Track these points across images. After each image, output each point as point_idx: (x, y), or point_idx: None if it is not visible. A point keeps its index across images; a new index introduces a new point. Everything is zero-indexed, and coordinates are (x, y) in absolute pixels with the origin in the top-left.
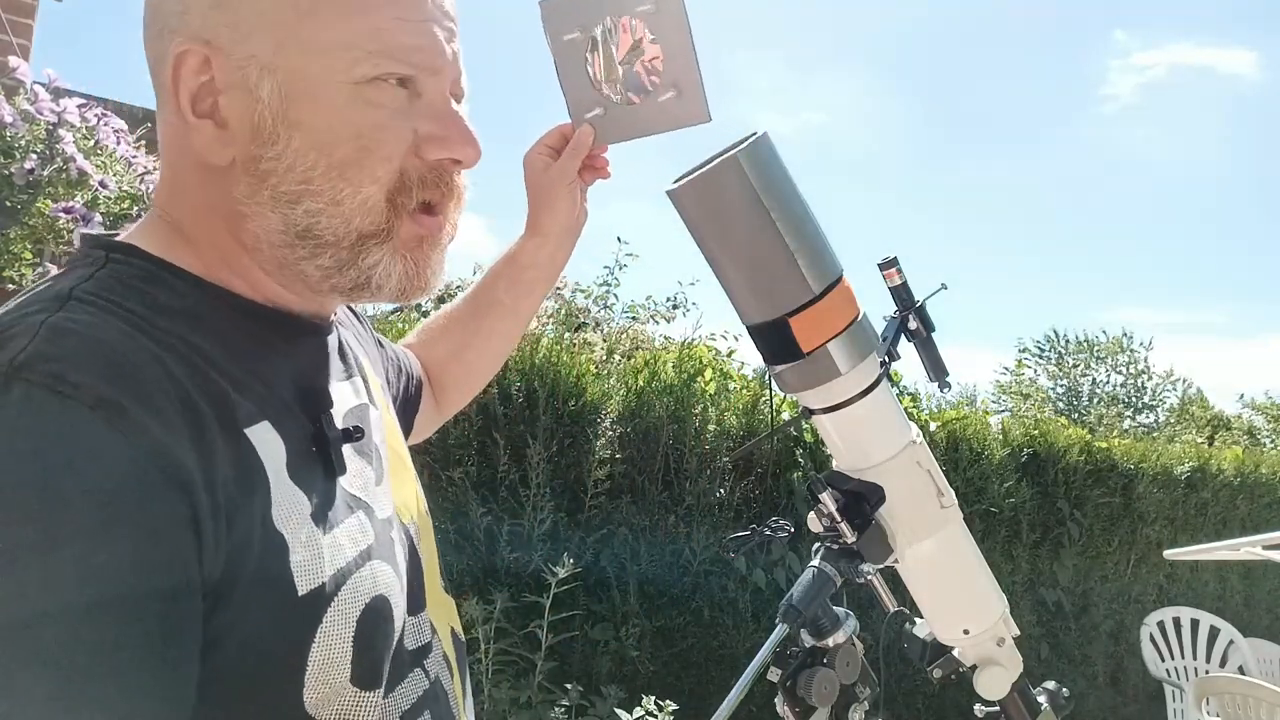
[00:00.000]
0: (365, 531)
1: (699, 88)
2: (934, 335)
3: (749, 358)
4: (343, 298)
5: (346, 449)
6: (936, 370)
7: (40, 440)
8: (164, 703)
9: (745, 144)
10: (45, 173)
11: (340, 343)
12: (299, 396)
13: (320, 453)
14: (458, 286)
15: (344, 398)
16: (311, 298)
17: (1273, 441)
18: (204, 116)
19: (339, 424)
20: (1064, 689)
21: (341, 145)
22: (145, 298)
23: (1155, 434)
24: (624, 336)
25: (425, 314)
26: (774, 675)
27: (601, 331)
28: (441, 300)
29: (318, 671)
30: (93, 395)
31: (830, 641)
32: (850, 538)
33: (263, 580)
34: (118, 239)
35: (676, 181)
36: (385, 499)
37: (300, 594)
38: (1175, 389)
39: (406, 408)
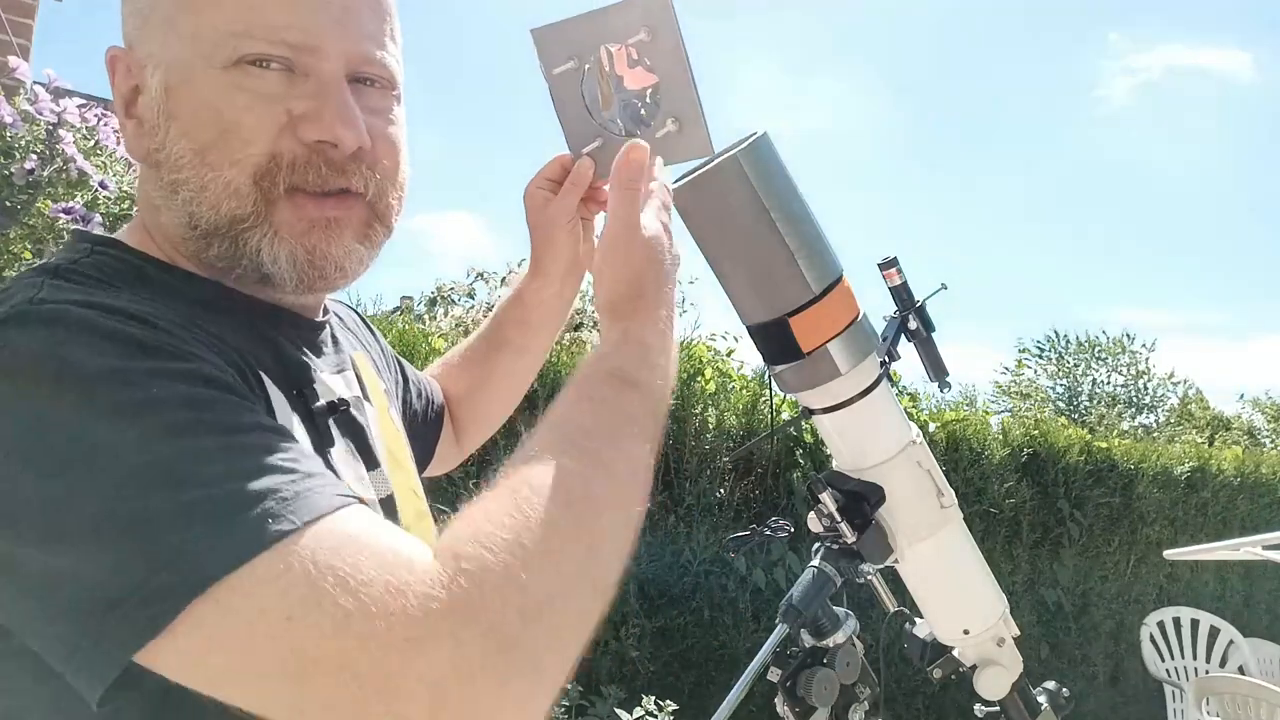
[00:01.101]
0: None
1: (699, 118)
2: (934, 335)
3: (749, 358)
4: (260, 289)
5: (338, 440)
6: (936, 370)
7: (88, 327)
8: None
9: (745, 144)
10: (45, 173)
11: (332, 336)
12: (283, 372)
13: (306, 423)
14: (450, 288)
15: (334, 387)
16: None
17: (1273, 441)
18: (132, 117)
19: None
20: (1064, 689)
21: (204, 131)
22: (132, 284)
23: (1155, 434)
24: None
25: (420, 316)
26: (774, 675)
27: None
28: (443, 300)
29: None
30: (123, 312)
31: (830, 641)
32: (850, 538)
33: None
34: (105, 236)
35: (676, 181)
36: (370, 492)
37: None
38: (1175, 390)
39: (427, 432)
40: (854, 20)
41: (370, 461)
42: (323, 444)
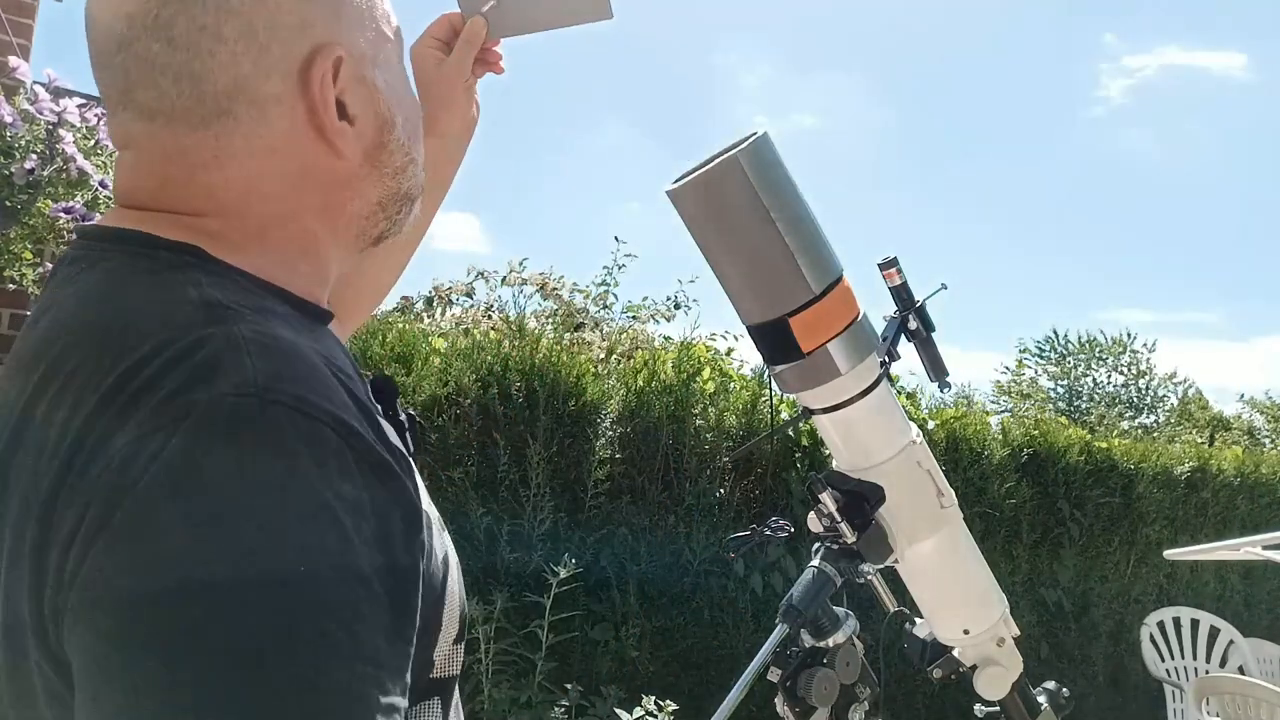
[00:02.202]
0: (432, 505)
1: None
2: (934, 335)
3: (749, 357)
4: (370, 246)
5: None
6: (936, 370)
7: (311, 463)
8: (400, 674)
9: (746, 144)
10: (45, 173)
11: None
12: (371, 386)
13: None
14: (448, 288)
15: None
16: (328, 281)
17: (1273, 441)
18: (344, 119)
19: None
20: (1064, 689)
21: (414, 113)
22: (258, 302)
23: (1155, 434)
24: (623, 336)
25: (418, 316)
26: (774, 675)
27: (601, 331)
28: (441, 300)
29: (445, 631)
30: (329, 415)
31: (830, 641)
32: (850, 538)
33: (427, 552)
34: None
35: (677, 181)
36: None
37: (439, 559)
38: (1175, 390)
39: None
40: (851, 21)
41: None
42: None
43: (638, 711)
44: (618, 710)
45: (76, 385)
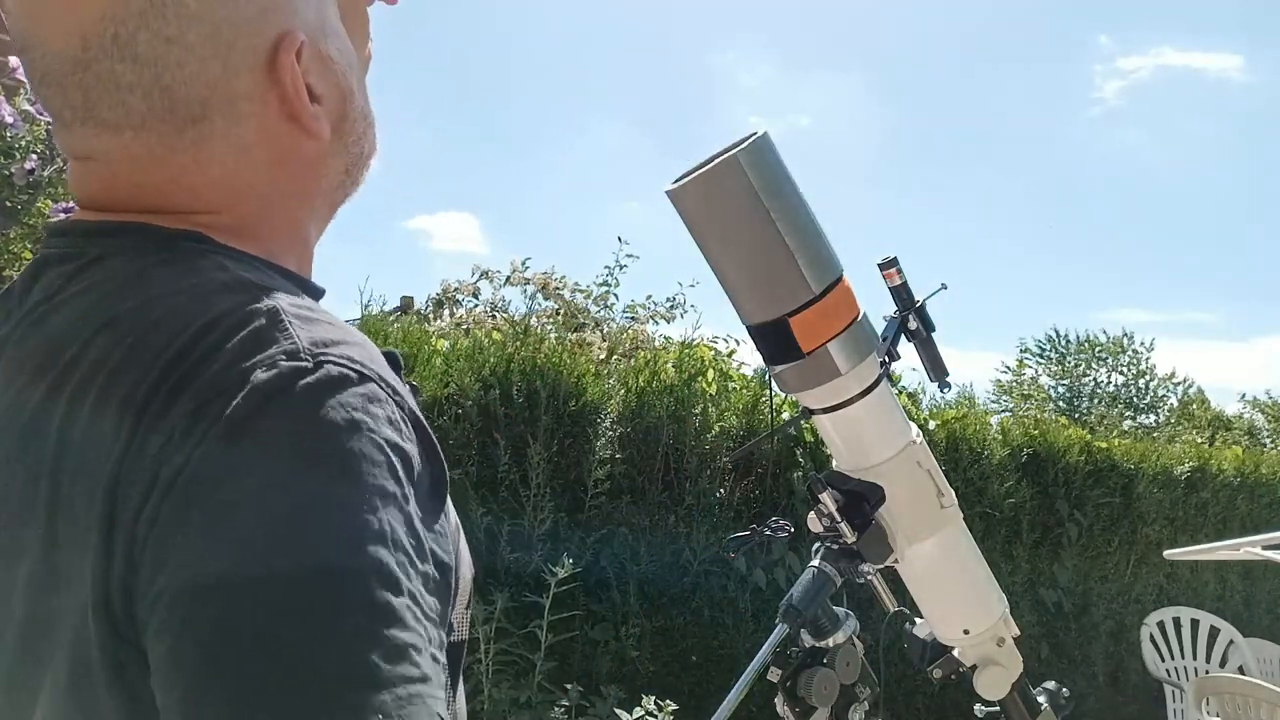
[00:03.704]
0: None
1: None
2: (934, 335)
3: (749, 358)
4: (338, 208)
5: None
6: (936, 370)
7: (367, 417)
8: (441, 624)
9: (745, 144)
10: (45, 173)
11: None
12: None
13: None
14: (455, 288)
15: None
16: (312, 258)
17: (1273, 441)
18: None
19: None
20: (1064, 689)
21: (358, 70)
22: (278, 281)
23: (1155, 434)
24: (624, 336)
25: (426, 318)
26: (774, 675)
27: (602, 332)
28: (449, 301)
29: (461, 595)
30: (375, 374)
31: (830, 641)
32: (850, 538)
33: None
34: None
35: (677, 181)
36: None
37: (453, 525)
38: (1175, 390)
39: None
40: (849, 21)
41: None
42: None
43: (638, 711)
44: (618, 710)
45: (128, 378)
